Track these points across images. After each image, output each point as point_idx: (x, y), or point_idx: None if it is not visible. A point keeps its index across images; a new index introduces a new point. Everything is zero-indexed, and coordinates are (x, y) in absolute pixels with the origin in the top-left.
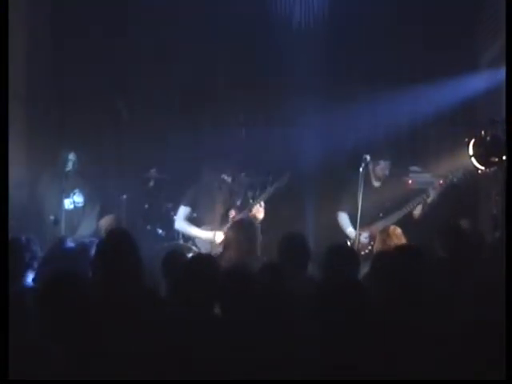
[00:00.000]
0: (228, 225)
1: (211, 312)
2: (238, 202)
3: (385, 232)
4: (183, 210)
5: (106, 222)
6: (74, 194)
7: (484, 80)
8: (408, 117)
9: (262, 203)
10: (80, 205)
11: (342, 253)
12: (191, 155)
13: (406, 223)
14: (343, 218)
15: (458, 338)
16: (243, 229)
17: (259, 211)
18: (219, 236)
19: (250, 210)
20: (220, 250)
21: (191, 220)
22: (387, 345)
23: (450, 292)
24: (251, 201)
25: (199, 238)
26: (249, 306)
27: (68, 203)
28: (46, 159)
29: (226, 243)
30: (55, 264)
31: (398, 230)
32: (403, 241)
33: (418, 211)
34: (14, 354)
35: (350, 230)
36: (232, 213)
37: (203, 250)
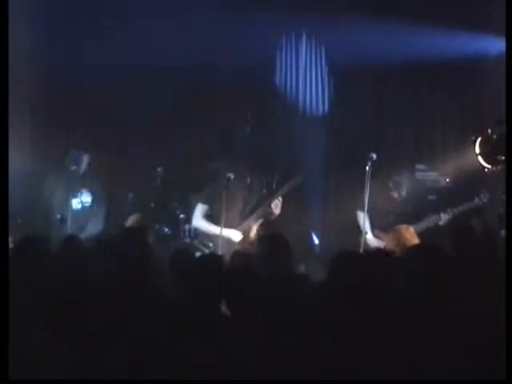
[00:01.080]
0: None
1: (219, 311)
2: (255, 200)
3: (398, 231)
4: (201, 208)
5: (132, 220)
6: (82, 193)
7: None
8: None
9: (281, 199)
10: (88, 204)
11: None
12: (198, 154)
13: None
14: (362, 219)
15: (459, 337)
16: None
17: (277, 206)
18: (234, 233)
19: (269, 206)
20: (238, 246)
21: (207, 217)
22: (387, 344)
23: (457, 291)
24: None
25: (216, 236)
26: (254, 304)
27: (76, 203)
28: (53, 158)
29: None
30: (63, 262)
31: (411, 229)
32: (416, 240)
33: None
34: (15, 353)
35: (369, 237)
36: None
37: (215, 248)
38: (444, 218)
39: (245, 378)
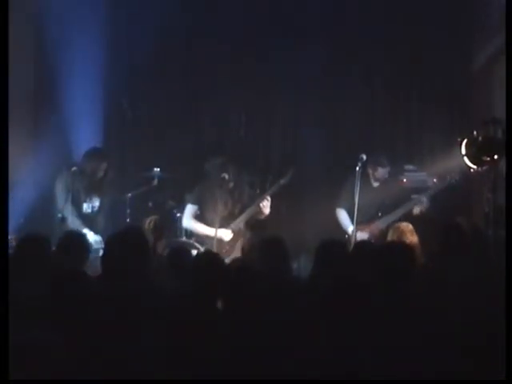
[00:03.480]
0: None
1: (216, 308)
2: (244, 200)
3: (398, 229)
4: (190, 208)
5: (149, 221)
6: (91, 198)
7: None
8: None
9: (269, 198)
10: (96, 209)
11: (331, 249)
12: (193, 154)
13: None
14: (342, 216)
15: (458, 337)
16: None
17: (266, 206)
18: (224, 233)
19: (258, 206)
20: (227, 247)
21: (198, 218)
22: (385, 344)
23: (446, 290)
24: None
25: (204, 235)
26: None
27: (86, 207)
28: (57, 161)
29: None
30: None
31: (411, 227)
32: (415, 237)
33: (416, 210)
34: (14, 354)
35: (351, 229)
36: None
37: (209, 247)
38: (430, 195)
39: (242, 376)
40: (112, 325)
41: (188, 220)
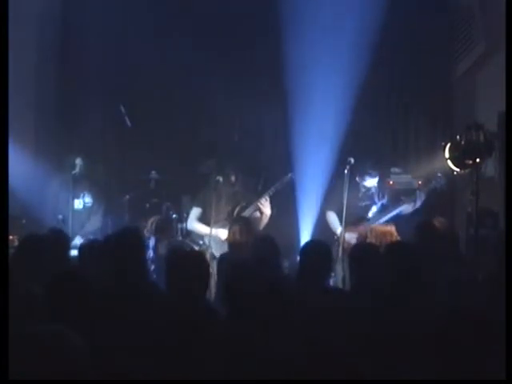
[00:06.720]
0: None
1: (204, 305)
2: (244, 202)
3: (380, 231)
4: (195, 211)
5: (152, 220)
6: (84, 195)
7: None
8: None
9: (268, 198)
10: (89, 205)
11: (314, 250)
12: (189, 157)
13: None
14: (332, 218)
15: (457, 337)
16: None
17: (266, 207)
18: (222, 232)
19: (258, 207)
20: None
21: (202, 219)
22: (385, 343)
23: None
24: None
25: (207, 234)
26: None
27: (77, 203)
28: (57, 163)
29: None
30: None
31: (393, 228)
32: (396, 238)
33: (404, 212)
34: (14, 354)
35: (340, 231)
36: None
37: (213, 247)
38: (418, 199)
39: (238, 374)
40: (110, 324)
41: (191, 222)
